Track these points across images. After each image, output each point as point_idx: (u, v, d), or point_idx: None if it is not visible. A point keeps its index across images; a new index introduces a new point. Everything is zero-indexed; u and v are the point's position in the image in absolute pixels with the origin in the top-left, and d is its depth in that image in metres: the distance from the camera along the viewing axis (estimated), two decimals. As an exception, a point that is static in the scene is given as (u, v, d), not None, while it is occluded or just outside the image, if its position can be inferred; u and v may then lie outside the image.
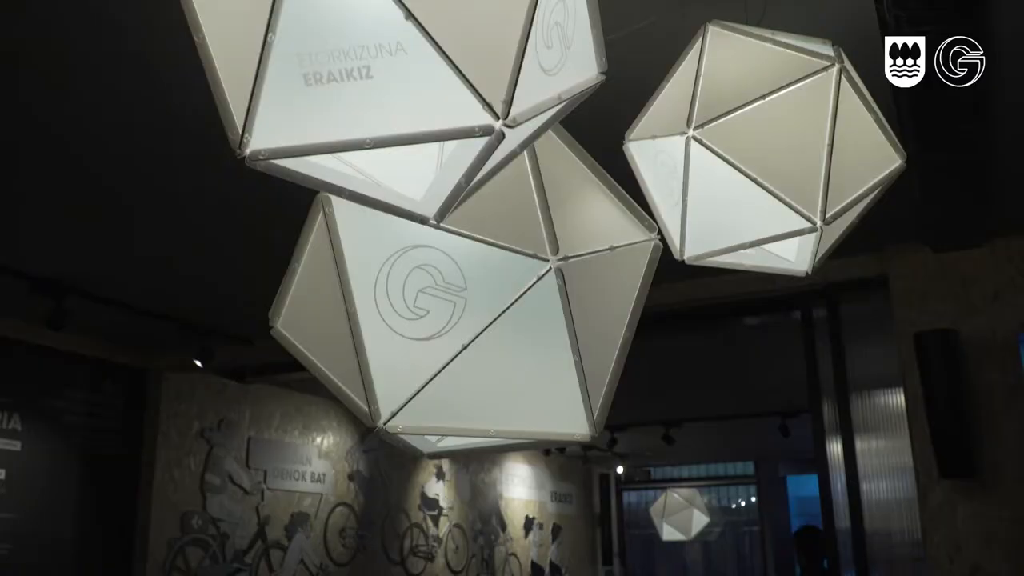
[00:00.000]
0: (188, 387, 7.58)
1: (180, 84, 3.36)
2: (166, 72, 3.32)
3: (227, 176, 4.01)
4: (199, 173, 4.17)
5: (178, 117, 3.65)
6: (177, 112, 3.61)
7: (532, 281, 1.65)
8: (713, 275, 5.26)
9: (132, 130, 3.80)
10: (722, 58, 2.08)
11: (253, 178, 1.77)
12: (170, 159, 4.05)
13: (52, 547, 6.51)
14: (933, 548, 4.60)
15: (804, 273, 2.15)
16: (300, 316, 1.77)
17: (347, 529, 9.23)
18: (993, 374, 4.66)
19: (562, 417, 1.76)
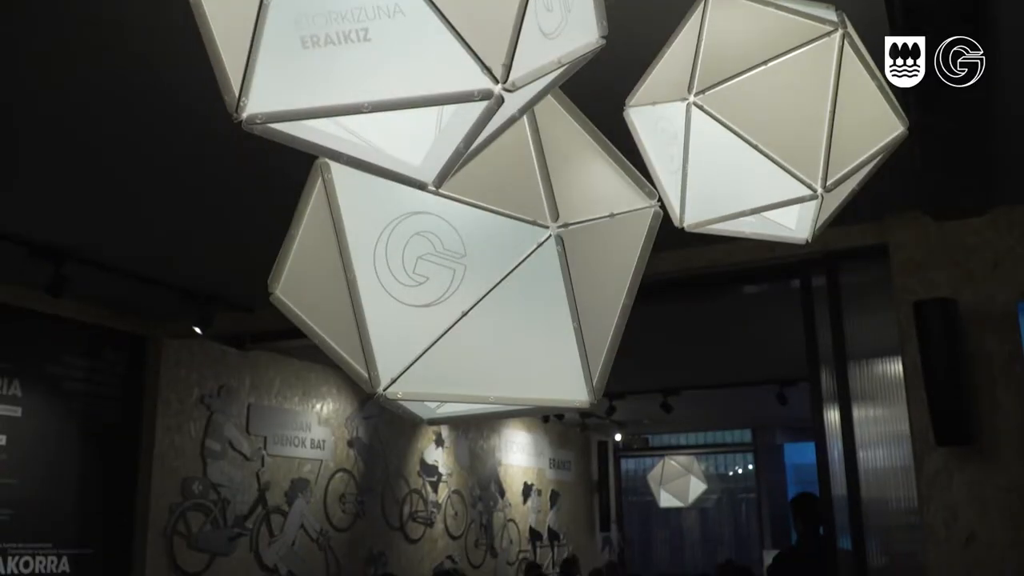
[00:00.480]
0: (188, 354, 7.60)
1: (179, 50, 3.33)
2: (164, 38, 3.29)
3: (226, 142, 4.00)
4: (198, 139, 4.15)
5: (177, 83, 3.62)
6: (176, 78, 3.58)
7: (532, 248, 1.65)
8: (712, 243, 5.27)
9: (131, 97, 3.78)
10: (724, 23, 2.05)
11: (252, 144, 1.76)
12: (170, 126, 4.03)
13: (53, 512, 6.55)
14: (929, 515, 4.64)
15: (804, 241, 2.14)
16: (299, 283, 1.76)
17: (347, 495, 9.29)
18: (992, 343, 4.67)
19: (561, 384, 1.76)
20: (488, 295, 1.64)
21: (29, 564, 6.31)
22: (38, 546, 6.39)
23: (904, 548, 4.98)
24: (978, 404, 4.62)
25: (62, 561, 6.55)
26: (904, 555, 4.97)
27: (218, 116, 1.51)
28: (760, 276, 5.77)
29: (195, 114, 3.85)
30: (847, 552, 5.04)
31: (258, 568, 8.03)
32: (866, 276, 5.27)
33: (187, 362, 7.59)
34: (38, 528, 6.42)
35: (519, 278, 1.65)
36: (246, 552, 7.93)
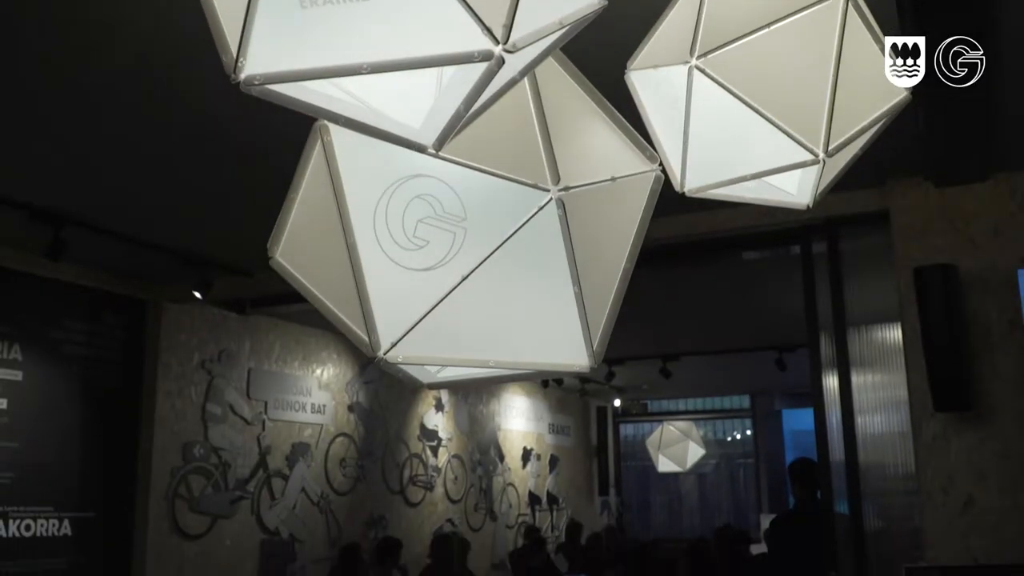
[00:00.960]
0: (188, 318, 7.61)
1: (177, 11, 3.30)
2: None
3: (226, 105, 3.97)
4: (198, 103, 4.13)
5: (177, 45, 3.59)
6: (176, 40, 3.55)
7: (532, 211, 1.64)
8: (713, 208, 5.25)
9: (130, 61, 3.75)
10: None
11: (251, 107, 1.74)
12: (169, 88, 4.00)
13: (54, 476, 6.59)
14: (927, 481, 4.66)
15: (805, 206, 2.13)
16: (299, 246, 1.76)
17: (347, 459, 9.35)
18: (992, 309, 4.68)
19: (561, 348, 1.76)
20: (488, 259, 1.63)
21: (30, 527, 6.36)
22: (39, 509, 6.44)
23: (901, 513, 5.02)
24: (977, 370, 4.63)
25: (63, 524, 6.60)
26: (901, 520, 5.01)
27: (217, 78, 1.49)
28: (760, 242, 5.75)
29: (195, 76, 3.83)
30: (844, 516, 5.08)
31: (259, 531, 8.10)
32: (867, 242, 5.27)
33: (187, 326, 7.60)
34: (39, 491, 6.45)
35: (519, 242, 1.65)
36: (247, 515, 7.99)
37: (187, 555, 7.34)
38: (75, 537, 6.66)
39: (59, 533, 6.55)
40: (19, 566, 6.25)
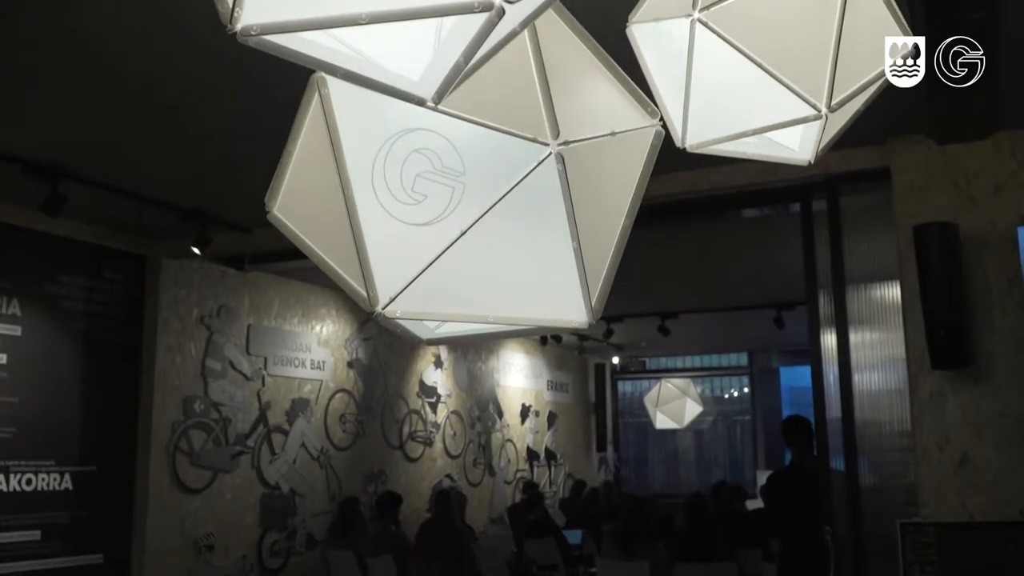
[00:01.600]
0: (187, 274, 7.61)
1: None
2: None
3: (221, 56, 3.94)
4: (195, 57, 4.09)
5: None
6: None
7: (532, 166, 1.63)
8: (714, 165, 5.23)
9: (126, 13, 3.70)
10: (730, -63, 2.00)
11: (248, 57, 1.72)
12: (165, 40, 3.96)
13: (55, 430, 6.62)
14: (922, 437, 4.69)
15: (807, 162, 2.11)
16: (297, 201, 1.75)
17: (347, 415, 9.40)
18: (990, 268, 4.67)
19: (560, 304, 1.75)
20: (487, 214, 1.62)
21: (32, 481, 6.41)
22: (40, 463, 6.48)
23: (896, 470, 5.06)
24: (975, 328, 4.64)
25: (65, 478, 6.65)
26: (896, 477, 5.05)
27: (213, 28, 1.47)
28: (761, 199, 5.73)
29: (191, 28, 3.78)
30: (839, 472, 5.12)
31: (260, 485, 8.17)
32: (867, 200, 5.25)
33: (186, 282, 7.60)
34: (40, 446, 6.49)
35: (519, 197, 1.63)
36: (248, 469, 8.05)
37: (188, 509, 7.41)
38: (76, 491, 6.71)
39: (60, 487, 6.61)
40: (20, 520, 6.30)
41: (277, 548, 8.31)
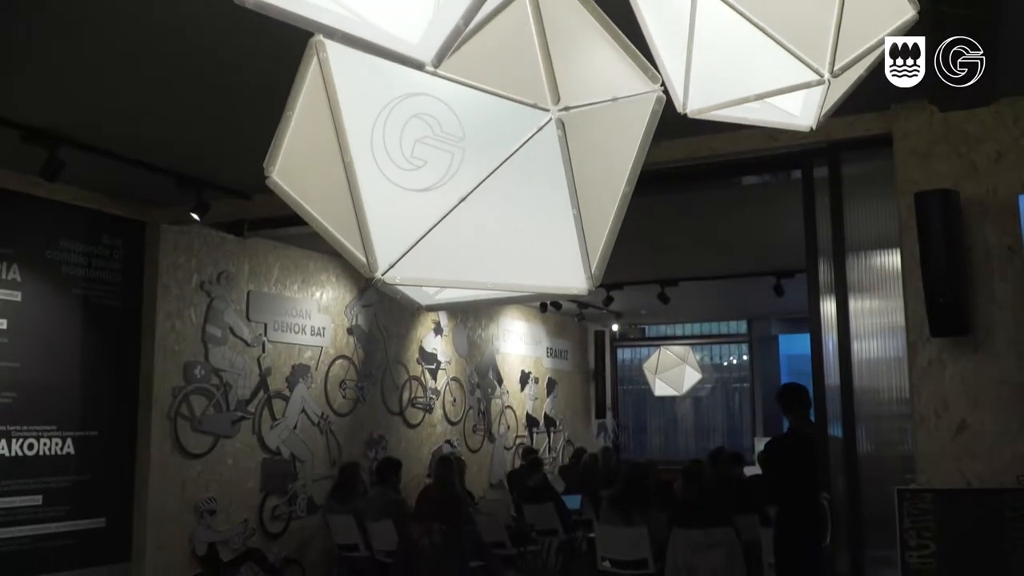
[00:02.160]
0: (186, 240, 7.60)
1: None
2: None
3: (220, 19, 3.90)
4: (193, 20, 4.05)
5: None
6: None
7: (532, 132, 1.62)
8: (715, 132, 5.20)
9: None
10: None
11: (247, 22, 1.70)
12: (164, 6, 3.92)
13: (56, 395, 6.65)
14: (920, 405, 4.71)
15: (808, 128, 2.10)
16: (296, 166, 1.74)
17: (347, 381, 9.43)
18: (991, 235, 4.66)
19: (560, 271, 1.75)
20: (487, 180, 1.61)
21: (33, 446, 6.44)
22: (42, 428, 6.51)
23: (894, 437, 5.08)
24: (974, 296, 4.64)
25: (66, 443, 6.68)
26: (894, 444, 5.08)
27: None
28: (762, 166, 5.71)
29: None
30: (837, 439, 5.15)
31: (261, 450, 8.22)
32: (868, 167, 5.23)
33: (185, 248, 7.59)
34: (42, 411, 6.52)
35: (518, 163, 1.62)
36: (248, 435, 8.09)
37: (189, 473, 7.46)
38: (78, 456, 6.75)
39: (62, 452, 6.64)
40: (22, 484, 6.34)
41: (278, 512, 8.38)
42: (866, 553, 4.94)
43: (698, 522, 7.19)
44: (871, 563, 4.92)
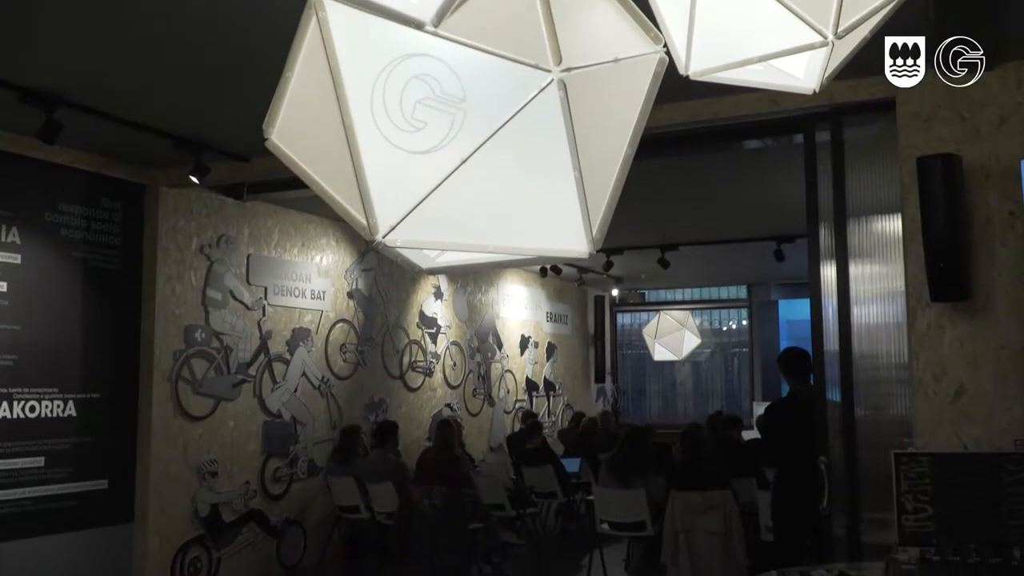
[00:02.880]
0: (186, 203, 7.58)
1: None
2: None
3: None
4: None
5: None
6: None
7: (533, 93, 1.61)
8: (717, 95, 5.17)
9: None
10: None
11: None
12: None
13: (58, 358, 6.66)
14: (919, 369, 4.72)
15: (812, 91, 2.09)
16: (295, 127, 1.72)
17: (347, 345, 9.46)
18: (993, 200, 4.65)
19: (561, 233, 1.75)
20: (488, 142, 1.61)
21: (35, 408, 6.47)
22: (44, 391, 6.53)
23: (893, 402, 5.10)
24: (975, 261, 4.64)
25: (68, 405, 6.71)
26: (892, 408, 5.09)
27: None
28: (764, 130, 5.68)
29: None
30: (835, 404, 5.16)
31: (262, 413, 8.26)
32: (871, 131, 5.20)
33: (185, 211, 7.58)
34: (42, 373, 6.54)
35: (520, 124, 1.61)
36: (249, 398, 8.13)
37: (191, 436, 7.50)
38: (79, 418, 6.78)
39: (64, 414, 6.67)
40: (24, 446, 6.38)
41: (279, 474, 8.44)
42: (862, 516, 4.98)
43: (696, 485, 7.24)
44: (867, 526, 4.96)
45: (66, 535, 6.63)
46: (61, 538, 6.59)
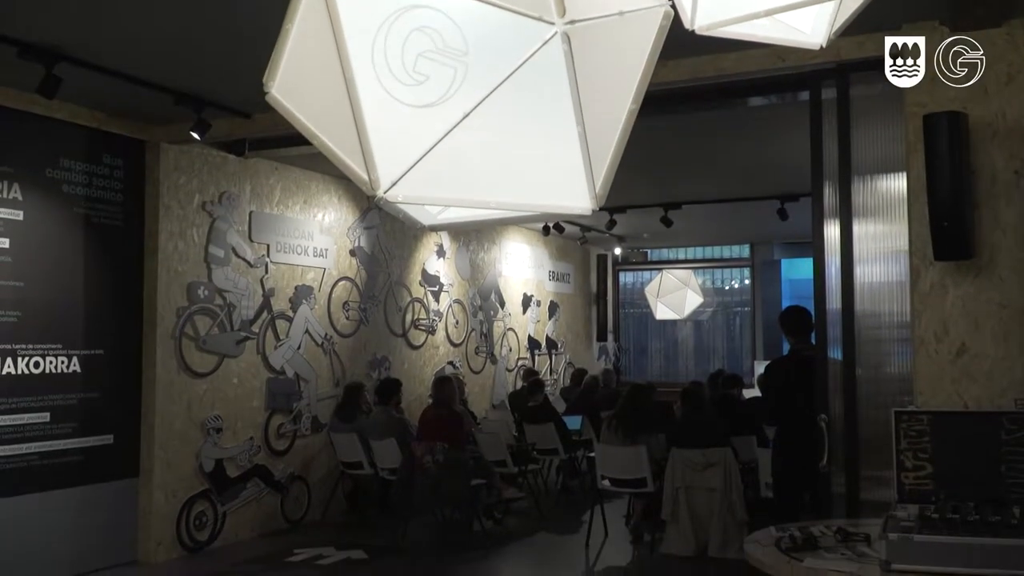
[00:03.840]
0: (187, 160, 7.55)
1: None
2: None
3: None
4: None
5: None
6: None
7: (537, 46, 1.59)
8: (721, 52, 5.11)
9: None
10: None
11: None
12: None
13: (61, 314, 6.68)
14: (921, 328, 4.72)
15: (818, 46, 2.06)
16: (296, 81, 1.70)
17: (350, 302, 9.47)
18: (998, 159, 4.62)
19: (564, 190, 1.74)
20: (490, 96, 1.59)
21: (39, 364, 6.49)
22: (48, 347, 6.56)
23: (894, 360, 5.10)
24: (979, 220, 4.62)
25: (72, 361, 6.74)
26: (893, 367, 5.10)
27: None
28: (769, 87, 5.63)
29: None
30: (836, 362, 5.17)
31: (266, 370, 8.29)
32: (877, 88, 5.15)
33: (186, 168, 7.55)
34: (47, 329, 6.56)
35: (523, 78, 1.60)
36: (253, 355, 8.15)
37: (195, 392, 7.54)
38: (84, 374, 6.81)
39: (68, 370, 6.70)
40: (29, 402, 6.41)
41: (283, 431, 8.50)
42: (862, 474, 5.01)
43: (696, 442, 7.29)
44: (867, 483, 4.99)
45: (72, 490, 6.69)
46: (67, 492, 6.66)
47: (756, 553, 3.45)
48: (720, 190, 10.36)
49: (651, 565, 7.29)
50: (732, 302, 16.62)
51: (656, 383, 11.10)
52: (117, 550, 7.03)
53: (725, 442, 7.34)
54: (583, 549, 7.75)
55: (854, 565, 3.17)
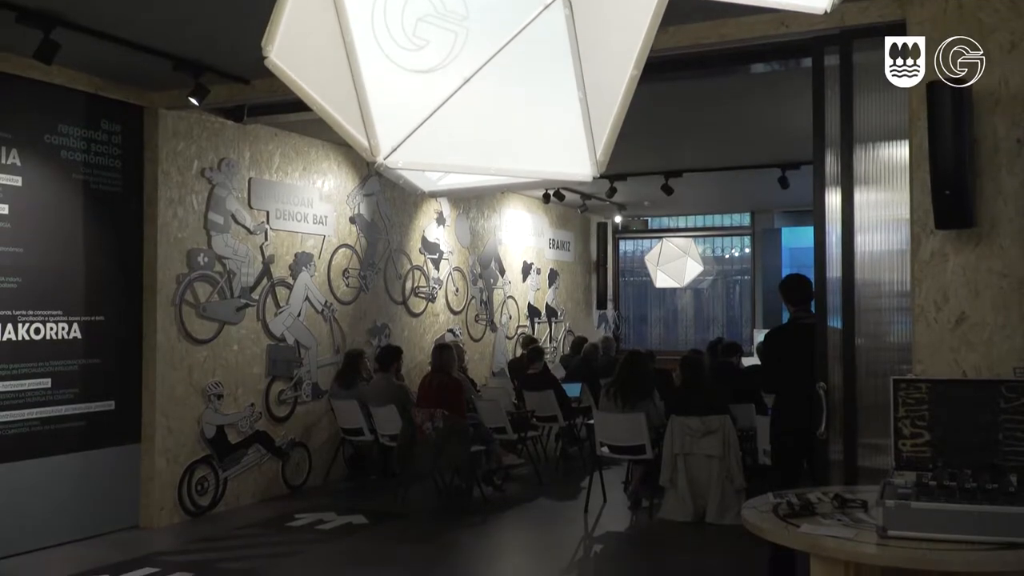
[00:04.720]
0: (186, 126, 7.51)
1: None
2: None
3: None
4: None
5: None
6: None
7: (538, 10, 1.57)
8: (723, 18, 5.07)
9: None
10: None
11: None
12: None
13: (61, 281, 6.68)
14: (920, 297, 4.72)
15: (823, 11, 2.03)
16: (295, 46, 1.69)
17: (350, 270, 9.47)
18: (1001, 127, 4.59)
19: (565, 156, 1.73)
20: (491, 61, 1.58)
21: (40, 331, 6.50)
22: (48, 313, 6.56)
23: (894, 329, 5.11)
24: (980, 189, 4.60)
25: (73, 328, 6.75)
26: (893, 336, 5.11)
27: None
28: (772, 53, 5.58)
29: None
30: (836, 330, 5.18)
31: (266, 337, 8.31)
32: (880, 55, 5.11)
33: (185, 134, 7.52)
34: (46, 296, 6.56)
35: (524, 44, 1.59)
36: (253, 322, 8.17)
37: (196, 358, 7.56)
38: (85, 340, 6.83)
39: (68, 336, 6.71)
40: (30, 368, 6.43)
41: (284, 397, 8.53)
42: (859, 441, 5.03)
43: (695, 410, 7.32)
44: (864, 451, 5.01)
45: (74, 455, 6.73)
46: (69, 458, 6.70)
47: (753, 519, 3.47)
48: (721, 158, 10.32)
49: (649, 530, 7.35)
50: (732, 270, 16.62)
51: (656, 351, 11.14)
52: (119, 515, 7.09)
53: (724, 410, 7.38)
54: (582, 515, 7.81)
55: (851, 531, 3.19)
